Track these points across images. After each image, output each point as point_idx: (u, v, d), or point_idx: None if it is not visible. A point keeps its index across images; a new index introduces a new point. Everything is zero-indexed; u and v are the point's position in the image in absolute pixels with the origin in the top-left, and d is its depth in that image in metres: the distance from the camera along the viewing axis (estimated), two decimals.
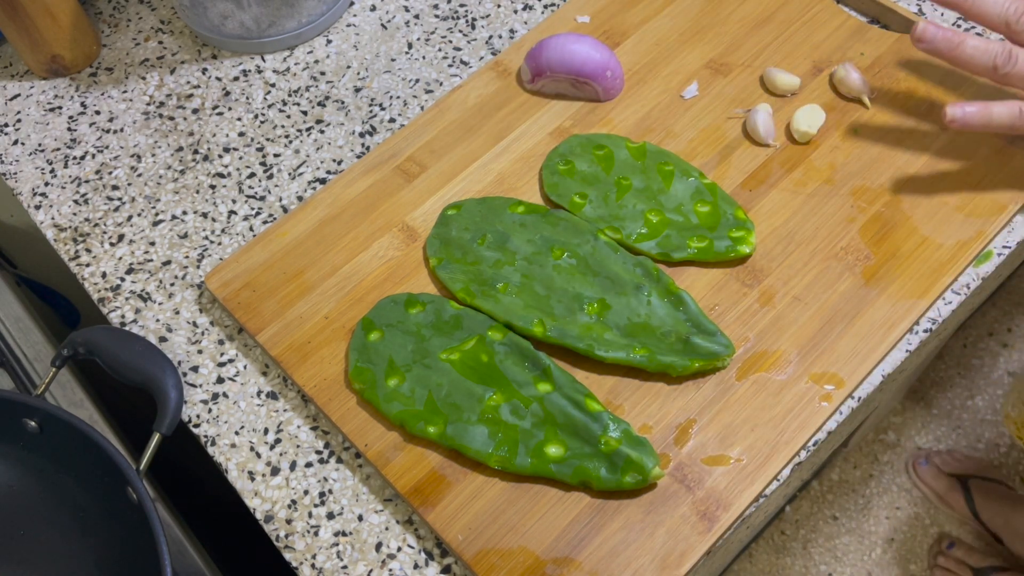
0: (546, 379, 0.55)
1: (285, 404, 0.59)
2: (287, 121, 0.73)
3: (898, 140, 0.64)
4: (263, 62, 0.77)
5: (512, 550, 0.50)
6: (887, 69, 0.67)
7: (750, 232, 0.59)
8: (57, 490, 0.58)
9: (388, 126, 0.72)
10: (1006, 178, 0.61)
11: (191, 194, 0.69)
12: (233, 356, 0.61)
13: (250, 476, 0.57)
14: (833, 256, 0.59)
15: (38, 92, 0.77)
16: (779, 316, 0.57)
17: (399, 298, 0.59)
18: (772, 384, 0.55)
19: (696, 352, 0.55)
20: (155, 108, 0.75)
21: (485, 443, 0.53)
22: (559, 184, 0.63)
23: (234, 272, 0.63)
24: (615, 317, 0.57)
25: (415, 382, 0.56)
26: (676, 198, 0.62)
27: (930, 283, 0.58)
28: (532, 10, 0.77)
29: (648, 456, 0.51)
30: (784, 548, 1.40)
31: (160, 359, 0.57)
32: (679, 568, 0.49)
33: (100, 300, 0.65)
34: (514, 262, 0.60)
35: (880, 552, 1.39)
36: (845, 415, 0.55)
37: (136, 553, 0.53)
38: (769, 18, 0.72)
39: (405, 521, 0.54)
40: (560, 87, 0.69)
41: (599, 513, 0.51)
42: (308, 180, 0.69)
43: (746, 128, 0.65)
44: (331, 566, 0.53)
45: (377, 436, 0.55)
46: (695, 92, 0.68)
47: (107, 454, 0.53)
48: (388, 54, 0.76)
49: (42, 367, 0.68)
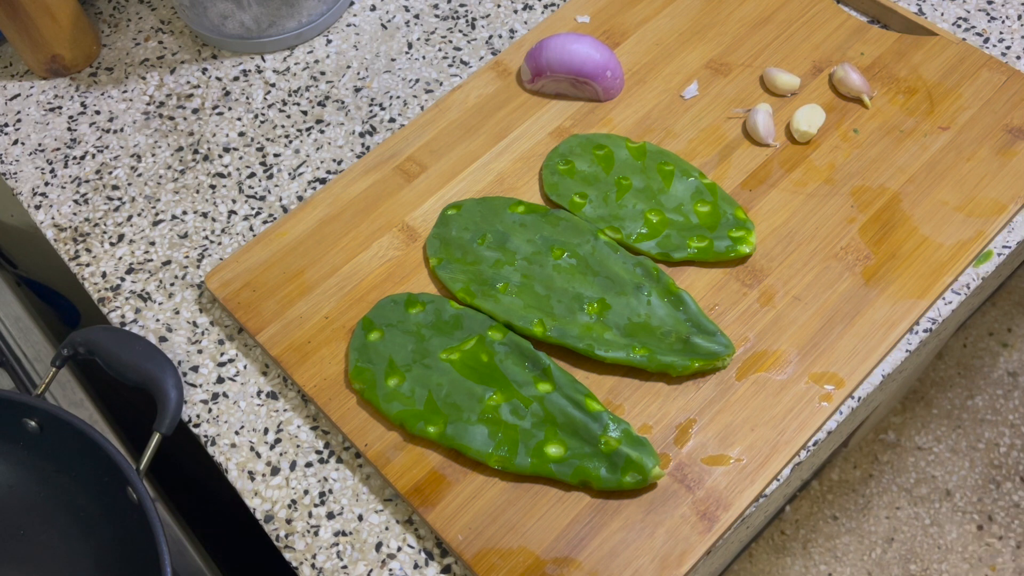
0: (546, 379, 0.55)
1: (285, 404, 0.59)
2: (287, 121, 0.73)
3: (898, 140, 0.64)
4: (263, 62, 0.77)
5: (512, 550, 0.50)
6: (887, 69, 0.67)
7: (750, 232, 0.59)
8: (57, 490, 0.58)
9: (388, 126, 0.72)
10: (1006, 178, 0.61)
11: (191, 194, 0.69)
12: (233, 356, 0.61)
13: (250, 476, 0.57)
14: (833, 256, 0.59)
15: (38, 92, 0.77)
16: (779, 316, 0.57)
17: (399, 298, 0.59)
18: (772, 384, 0.55)
19: (696, 352, 0.55)
20: (155, 108, 0.75)
21: (485, 443, 0.53)
22: (559, 184, 0.63)
23: (234, 272, 0.63)
24: (615, 317, 0.57)
25: (415, 382, 0.56)
26: (676, 198, 0.62)
27: (930, 283, 0.58)
28: (532, 10, 0.77)
29: (648, 456, 0.51)
30: (784, 548, 1.40)
31: (160, 359, 0.57)
32: (679, 568, 0.49)
33: (100, 300, 0.65)
34: (514, 262, 0.60)
35: (880, 552, 1.39)
36: (845, 415, 0.55)
37: (136, 553, 0.53)
38: (769, 18, 0.72)
39: (405, 521, 0.54)
40: (560, 87, 0.69)
41: (599, 513, 0.51)
42: (308, 180, 0.69)
43: (746, 128, 0.65)
44: (331, 566, 0.53)
45: (377, 436, 0.55)
46: (695, 92, 0.68)
47: (107, 454, 0.53)
48: (388, 54, 0.76)
49: (42, 367, 0.68)
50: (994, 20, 0.72)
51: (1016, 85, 0.65)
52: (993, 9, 0.72)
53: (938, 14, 0.72)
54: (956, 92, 0.66)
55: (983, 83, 0.66)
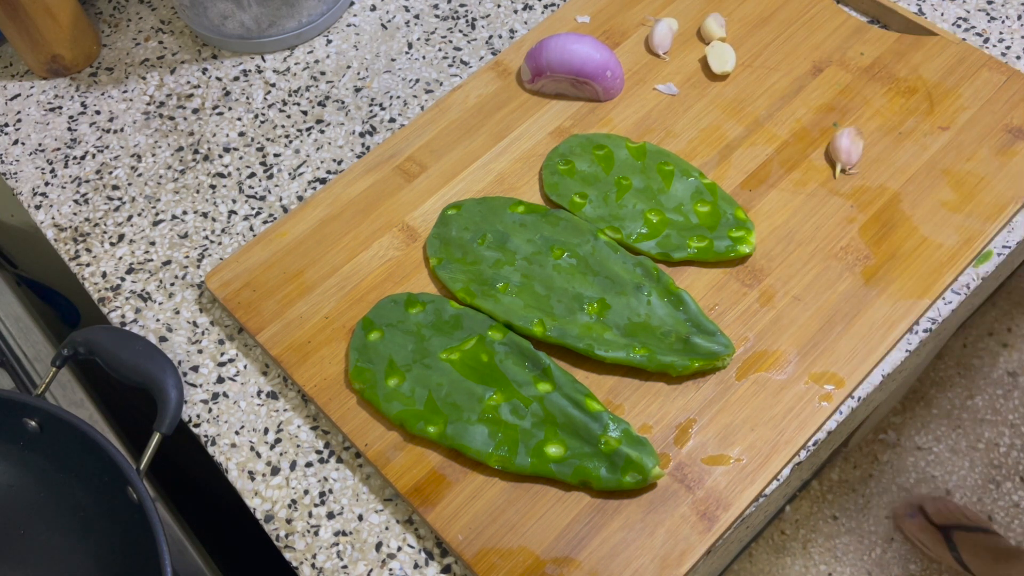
0: (546, 379, 0.55)
1: (285, 404, 0.59)
2: (287, 121, 0.73)
3: (898, 140, 0.64)
4: (263, 62, 0.77)
5: (512, 550, 0.50)
6: (887, 69, 0.67)
7: (750, 232, 0.59)
8: (57, 490, 0.58)
9: (388, 126, 0.72)
10: (1006, 178, 0.61)
11: (191, 194, 0.69)
12: (233, 356, 0.61)
13: (250, 476, 0.57)
14: (833, 256, 0.59)
15: (38, 92, 0.77)
16: (779, 316, 0.57)
17: (399, 298, 0.59)
18: (772, 384, 0.55)
19: (696, 352, 0.55)
20: (155, 108, 0.75)
21: (485, 443, 0.53)
22: (559, 184, 0.63)
23: (234, 272, 0.63)
24: (615, 317, 0.57)
25: (415, 382, 0.56)
26: (676, 198, 0.62)
27: (930, 283, 0.58)
28: (532, 10, 0.77)
29: (648, 456, 0.51)
30: (784, 548, 1.40)
31: (160, 359, 0.57)
32: (679, 568, 0.49)
33: (100, 300, 0.65)
34: (514, 262, 0.60)
35: (880, 552, 1.39)
36: (845, 415, 0.55)
37: (136, 553, 0.53)
38: (769, 18, 0.72)
39: (405, 521, 0.54)
40: (560, 87, 0.69)
41: (599, 513, 0.51)
42: (308, 180, 0.69)
43: (648, 41, 0.70)
44: (331, 566, 0.53)
45: (377, 436, 0.55)
46: (674, 91, 0.68)
47: (107, 454, 0.53)
48: (388, 54, 0.76)
49: (42, 367, 0.68)
50: (994, 20, 0.72)
51: (1016, 85, 0.65)
52: (993, 9, 0.72)
53: (938, 14, 0.72)
54: (956, 92, 0.66)
55: (983, 83, 0.66)
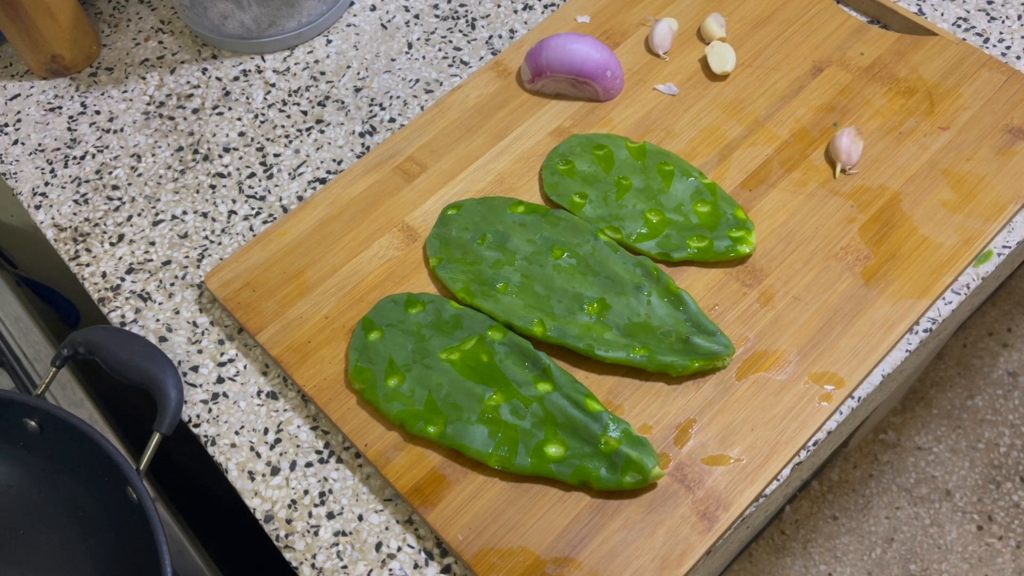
0: (546, 379, 0.55)
1: (285, 404, 0.59)
2: (287, 121, 0.73)
3: (898, 140, 0.64)
4: (263, 62, 0.77)
5: (512, 550, 0.50)
6: (887, 69, 0.67)
7: (750, 232, 0.59)
8: (57, 490, 0.58)
9: (388, 126, 0.72)
10: (1006, 178, 0.61)
11: (191, 194, 0.69)
12: (233, 356, 0.61)
13: (250, 476, 0.57)
14: (833, 256, 0.59)
15: (38, 92, 0.77)
16: (779, 316, 0.57)
17: (399, 298, 0.59)
18: (772, 384, 0.55)
19: (696, 352, 0.55)
20: (155, 108, 0.75)
21: (485, 443, 0.53)
22: (559, 184, 0.63)
23: (234, 272, 0.63)
24: (615, 317, 0.57)
25: (415, 382, 0.56)
26: (676, 198, 0.62)
27: (930, 283, 0.58)
28: (532, 10, 0.77)
29: (648, 456, 0.51)
30: (784, 548, 1.40)
31: (160, 359, 0.57)
32: (679, 568, 0.49)
33: (100, 300, 0.65)
34: (514, 262, 0.60)
35: (880, 552, 1.39)
36: (845, 415, 0.55)
37: (136, 553, 0.53)
38: (769, 18, 0.72)
39: (405, 521, 0.54)
40: (560, 87, 0.69)
41: (599, 513, 0.51)
42: (308, 180, 0.69)
43: (648, 41, 0.70)
44: (331, 566, 0.53)
45: (377, 436, 0.55)
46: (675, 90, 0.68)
47: (107, 454, 0.53)
48: (388, 54, 0.76)
49: (42, 367, 0.68)
50: (994, 20, 0.72)
51: (1016, 85, 0.65)
52: (993, 9, 0.72)
53: (938, 14, 0.72)
54: (956, 92, 0.66)
55: (983, 83, 0.66)
